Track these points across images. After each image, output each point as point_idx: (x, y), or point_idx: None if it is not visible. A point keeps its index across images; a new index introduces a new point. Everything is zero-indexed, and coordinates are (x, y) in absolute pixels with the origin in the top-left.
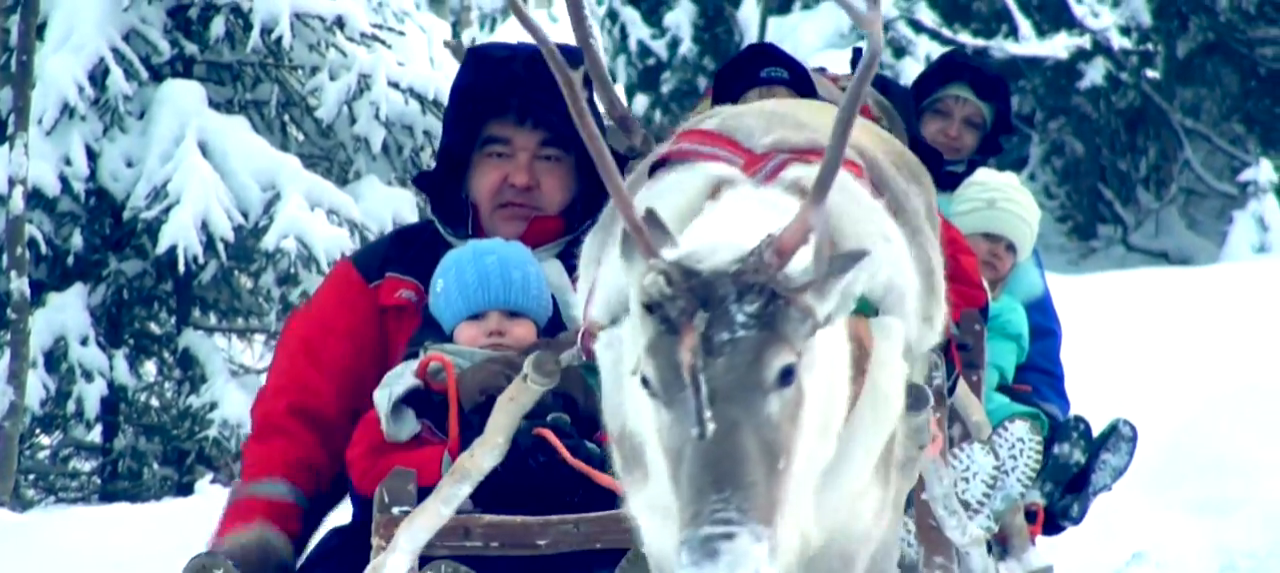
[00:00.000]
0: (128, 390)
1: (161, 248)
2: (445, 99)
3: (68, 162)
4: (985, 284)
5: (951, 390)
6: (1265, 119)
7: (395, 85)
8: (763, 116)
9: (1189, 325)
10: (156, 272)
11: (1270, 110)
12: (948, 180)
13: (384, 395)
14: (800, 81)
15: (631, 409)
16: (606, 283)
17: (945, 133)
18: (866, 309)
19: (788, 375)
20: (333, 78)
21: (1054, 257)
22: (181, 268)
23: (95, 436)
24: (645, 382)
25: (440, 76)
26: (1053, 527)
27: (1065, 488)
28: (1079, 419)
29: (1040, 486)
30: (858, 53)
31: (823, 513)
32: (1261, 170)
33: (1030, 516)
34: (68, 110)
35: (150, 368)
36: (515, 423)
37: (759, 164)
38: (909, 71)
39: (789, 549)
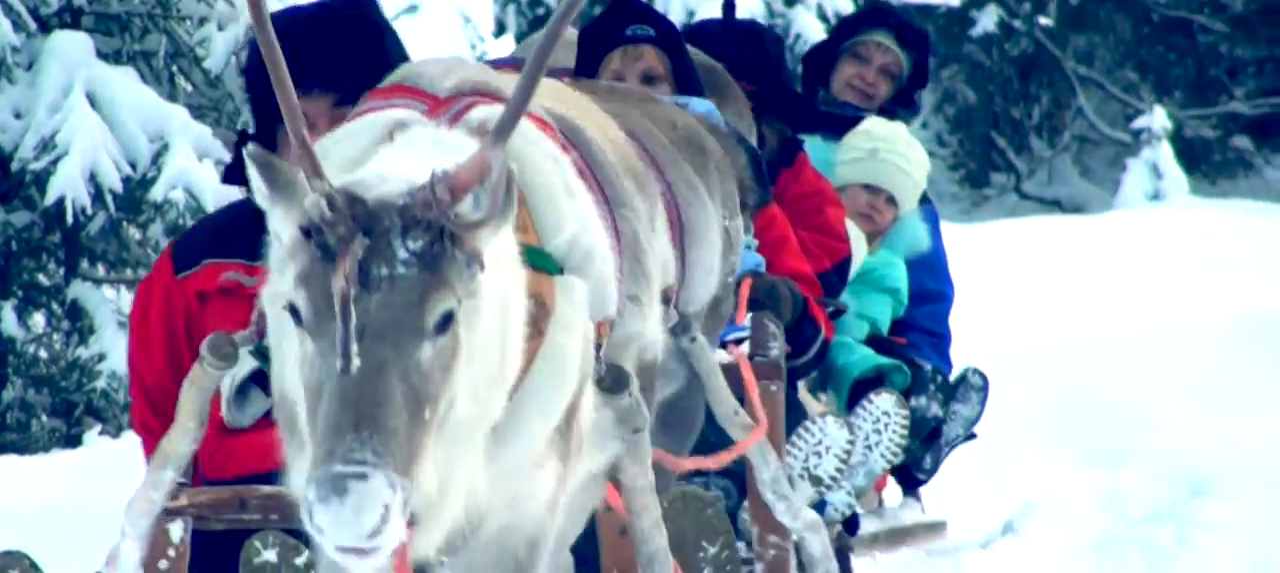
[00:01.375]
0: (16, 342)
1: (50, 199)
2: None
3: None
4: (861, 236)
5: (820, 357)
6: (1159, 66)
7: None
8: (444, 64)
9: (1082, 274)
10: (45, 223)
11: (1164, 57)
12: (843, 130)
13: (227, 379)
14: (668, 39)
15: (287, 366)
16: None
17: (862, 78)
18: (549, 266)
19: (446, 322)
20: (221, 28)
21: (947, 205)
22: (70, 219)
23: None
24: (294, 312)
25: None
26: (909, 481)
27: (920, 442)
28: (937, 372)
29: None
30: (730, 3)
31: (496, 480)
32: (1155, 117)
33: None
34: None
35: (38, 320)
36: (203, 407)
37: (443, 108)
38: (801, 21)
39: (435, 510)
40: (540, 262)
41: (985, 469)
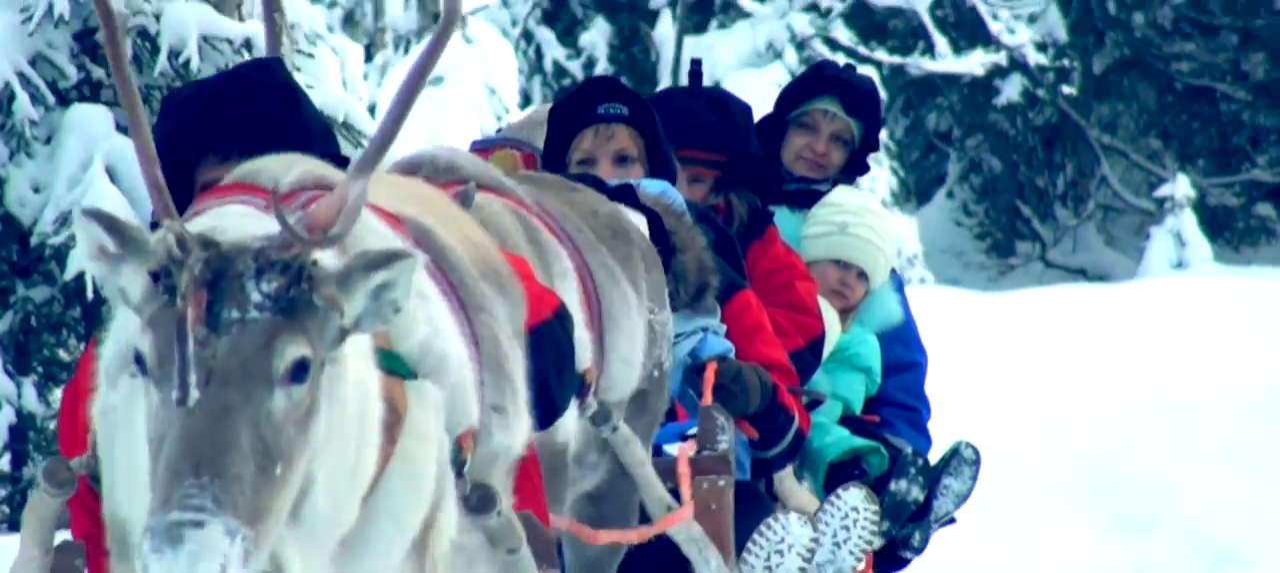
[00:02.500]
0: (36, 418)
1: (70, 274)
2: (358, 123)
3: None
4: (833, 313)
5: (794, 449)
6: (1182, 134)
7: None
8: (284, 160)
9: (1107, 343)
10: (64, 298)
11: (1187, 126)
12: (808, 199)
13: None
14: (641, 118)
15: (119, 483)
16: (116, 338)
17: (811, 149)
18: (401, 369)
19: (300, 372)
20: None
21: (973, 274)
22: (90, 294)
23: (4, 464)
24: (139, 360)
25: (352, 99)
26: (894, 561)
27: (908, 517)
28: (918, 455)
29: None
30: (696, 71)
31: None
32: (1179, 186)
33: None
34: None
35: (59, 396)
36: (47, 535)
37: (285, 203)
38: None
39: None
40: (392, 364)
41: (1011, 538)
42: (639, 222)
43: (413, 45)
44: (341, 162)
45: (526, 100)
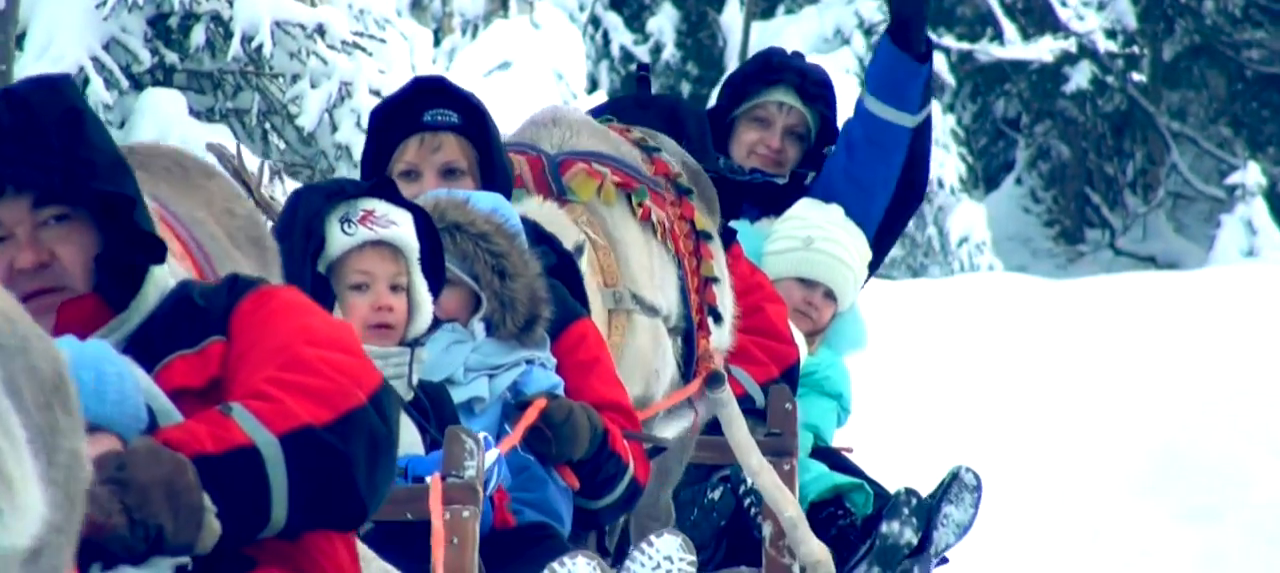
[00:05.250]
0: None
1: None
2: None
3: None
4: (801, 337)
5: (629, 500)
6: (1253, 121)
7: (376, 93)
8: None
9: (1177, 331)
10: None
11: (1258, 113)
12: (767, 201)
13: None
14: (473, 126)
15: None
16: None
17: (765, 144)
18: None
19: None
20: (314, 86)
21: (1042, 261)
22: None
23: None
24: None
25: None
26: None
27: (901, 561)
28: (911, 493)
29: (867, 570)
30: (644, 77)
31: None
32: (1249, 173)
33: None
34: None
35: None
36: None
37: None
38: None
39: None
40: None
41: (1081, 527)
42: (402, 219)
43: (480, 30)
44: (129, 203)
45: (593, 86)
